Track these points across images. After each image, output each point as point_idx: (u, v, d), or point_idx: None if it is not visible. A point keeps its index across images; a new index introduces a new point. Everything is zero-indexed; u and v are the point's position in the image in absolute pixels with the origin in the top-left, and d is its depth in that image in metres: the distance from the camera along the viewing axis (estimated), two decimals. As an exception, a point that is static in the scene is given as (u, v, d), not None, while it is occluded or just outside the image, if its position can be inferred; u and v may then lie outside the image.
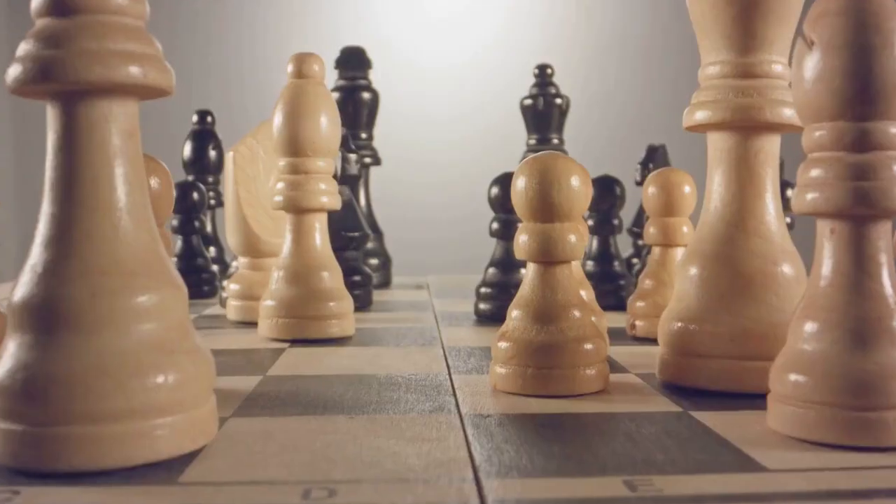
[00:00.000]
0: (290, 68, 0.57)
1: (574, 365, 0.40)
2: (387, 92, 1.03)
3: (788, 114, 0.41)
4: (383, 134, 1.02)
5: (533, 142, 0.94)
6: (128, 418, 0.29)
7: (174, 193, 0.40)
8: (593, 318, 0.43)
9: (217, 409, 0.34)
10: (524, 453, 0.31)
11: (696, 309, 0.42)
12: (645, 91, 1.91)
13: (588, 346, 0.40)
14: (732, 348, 0.40)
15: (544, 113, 0.92)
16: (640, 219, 0.89)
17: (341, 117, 0.91)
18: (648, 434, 0.34)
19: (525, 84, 1.00)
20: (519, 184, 0.41)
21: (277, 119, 0.56)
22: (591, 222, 0.73)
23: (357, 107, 0.90)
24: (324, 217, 0.58)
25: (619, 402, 0.39)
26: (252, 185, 0.65)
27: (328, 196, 0.57)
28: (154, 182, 0.39)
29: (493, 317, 0.65)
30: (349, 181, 0.75)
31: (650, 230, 0.58)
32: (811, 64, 0.33)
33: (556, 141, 0.93)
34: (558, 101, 0.93)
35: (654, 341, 0.56)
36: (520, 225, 0.42)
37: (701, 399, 0.39)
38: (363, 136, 0.91)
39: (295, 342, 0.56)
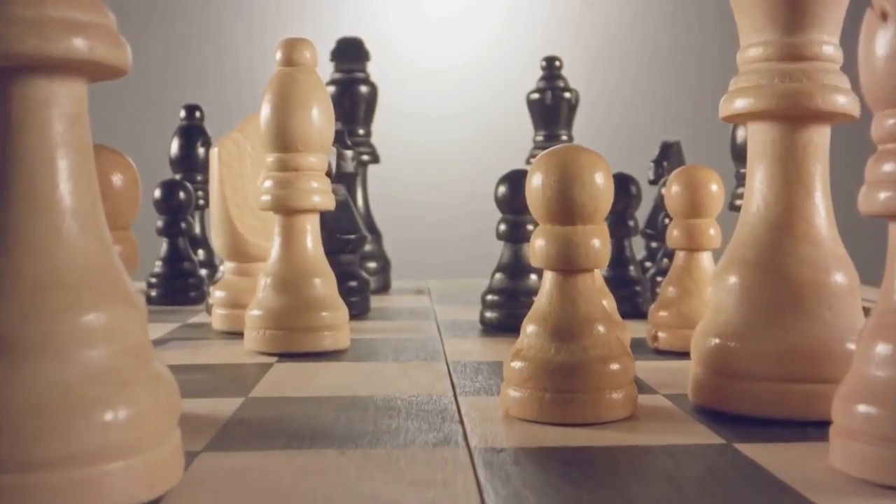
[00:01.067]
0: (278, 55, 0.52)
1: (598, 388, 0.35)
2: (387, 89, 0.98)
3: (842, 101, 0.36)
4: (382, 132, 0.97)
5: (540, 138, 0.89)
6: (69, 464, 0.23)
7: (140, 191, 0.35)
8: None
9: (185, 442, 0.29)
10: (548, 502, 0.26)
11: (737, 324, 0.37)
12: (656, 86, 1.85)
13: (614, 367, 0.35)
14: (779, 369, 0.35)
15: (552, 107, 0.87)
16: (654, 219, 0.84)
17: (337, 112, 0.86)
18: (691, 474, 0.29)
19: (529, 81, 0.94)
20: (535, 181, 0.36)
21: (265, 111, 0.51)
22: (604, 224, 0.68)
23: (354, 101, 0.85)
24: (315, 218, 0.53)
25: (651, 432, 0.34)
26: (239, 183, 0.60)
27: (320, 195, 0.52)
28: (117, 179, 0.34)
29: (500, 326, 0.60)
30: (345, 179, 0.70)
31: (674, 233, 0.53)
32: (885, 39, 0.28)
33: (564, 137, 0.88)
34: (567, 95, 0.87)
35: (678, 355, 0.51)
36: (536, 228, 0.37)
37: (744, 428, 0.34)
38: (360, 131, 0.86)
39: (283, 356, 0.51)
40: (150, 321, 0.69)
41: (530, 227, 0.61)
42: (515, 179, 0.60)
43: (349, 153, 0.68)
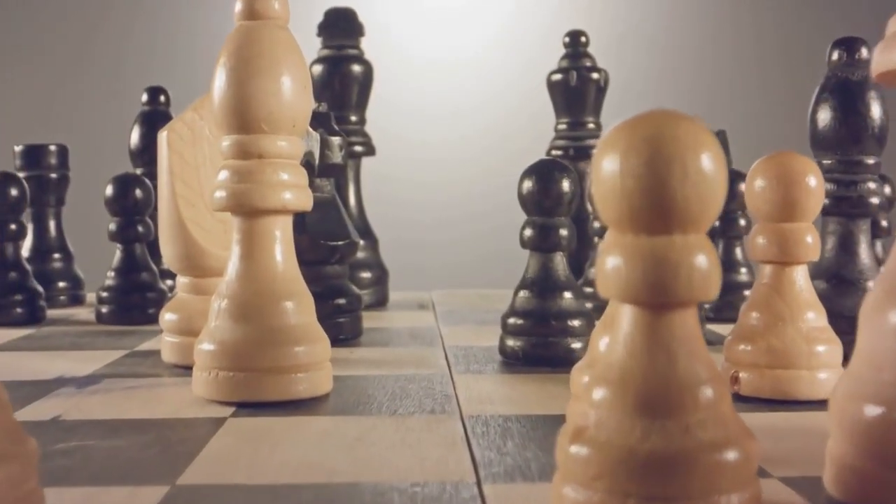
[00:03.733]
0: (238, 5, 0.40)
1: (710, 491, 0.22)
2: (387, 80, 0.86)
3: None
4: (381, 126, 0.84)
5: (563, 126, 0.76)
6: None
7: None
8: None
9: None
10: None
11: (916, 386, 0.24)
12: (691, 69, 1.69)
13: (732, 456, 0.23)
14: None
15: (577, 90, 0.74)
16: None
17: (326, 95, 0.74)
18: None
19: (539, 71, 0.82)
20: (608, 165, 0.23)
21: (218, 78, 0.39)
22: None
23: (345, 82, 0.73)
24: (286, 221, 0.40)
25: (799, 567, 0.21)
26: (193, 176, 0.47)
27: (293, 191, 0.39)
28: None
29: (526, 358, 0.48)
30: (332, 172, 0.57)
31: (758, 240, 0.41)
32: None
33: (591, 125, 0.75)
34: (595, 75, 0.75)
35: (768, 402, 0.39)
36: (605, 239, 0.24)
37: (941, 554, 0.22)
38: (353, 118, 0.73)
39: (243, 406, 0.38)
40: (94, 347, 0.57)
41: (564, 231, 0.48)
42: (545, 171, 0.48)
43: (336, 140, 0.55)
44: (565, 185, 0.48)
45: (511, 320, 0.49)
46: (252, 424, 0.35)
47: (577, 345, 0.47)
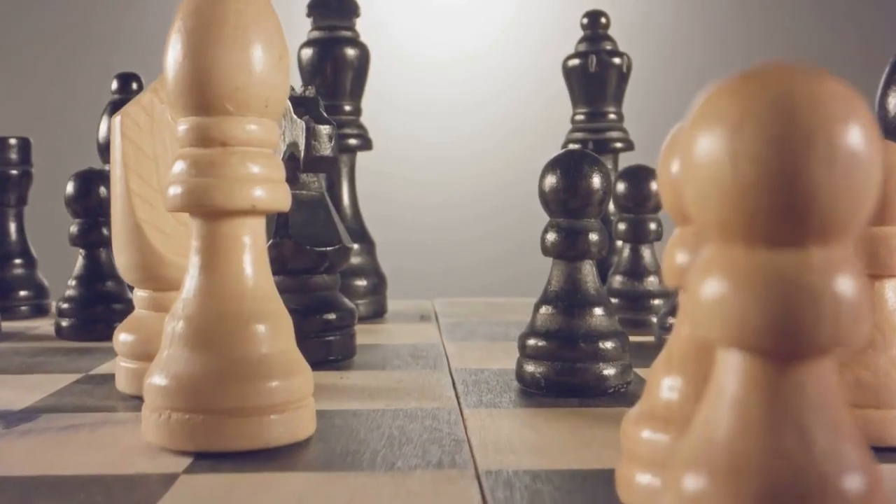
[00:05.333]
0: (197, -43, 0.32)
1: None
2: (387, 76, 0.79)
3: None
4: (379, 122, 0.77)
5: (581, 117, 0.68)
6: None
7: None
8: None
9: None
10: None
11: None
12: (723, 54, 1.60)
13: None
14: None
15: (597, 76, 0.67)
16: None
17: (317, 81, 0.66)
18: None
19: (550, 60, 0.75)
20: (709, 145, 0.16)
21: (173, 48, 0.31)
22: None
23: (338, 67, 0.65)
24: (257, 224, 0.32)
25: None
26: (152, 170, 0.39)
27: (265, 187, 0.31)
28: None
29: (550, 388, 0.40)
30: (321, 166, 0.49)
31: (840, 248, 0.33)
32: None
33: (613, 115, 0.68)
34: (616, 60, 0.67)
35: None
36: (706, 252, 0.17)
37: None
38: (347, 108, 0.66)
39: (201, 458, 0.30)
40: (44, 370, 0.48)
41: (594, 236, 0.40)
42: (572, 165, 0.40)
43: (325, 129, 0.48)
44: (596, 180, 0.40)
45: (531, 342, 0.41)
46: (209, 484, 0.28)
47: (609, 371, 0.40)
